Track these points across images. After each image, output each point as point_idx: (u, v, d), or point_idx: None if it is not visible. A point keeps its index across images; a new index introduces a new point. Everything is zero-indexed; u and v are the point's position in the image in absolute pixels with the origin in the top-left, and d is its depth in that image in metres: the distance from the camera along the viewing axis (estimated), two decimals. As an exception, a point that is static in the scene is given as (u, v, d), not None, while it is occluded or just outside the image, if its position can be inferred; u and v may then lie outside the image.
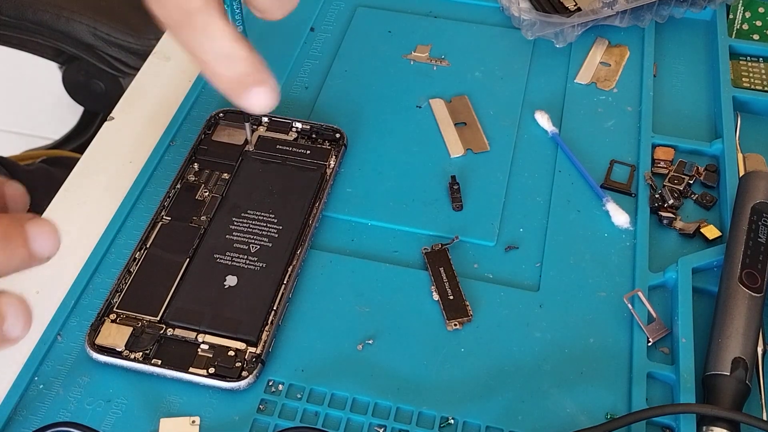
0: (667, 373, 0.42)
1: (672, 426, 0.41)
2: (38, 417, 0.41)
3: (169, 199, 0.49)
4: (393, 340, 0.44)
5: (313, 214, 0.49)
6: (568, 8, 0.58)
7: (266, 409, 0.41)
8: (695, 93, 0.57)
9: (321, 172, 0.51)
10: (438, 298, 0.45)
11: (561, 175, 0.52)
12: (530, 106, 0.56)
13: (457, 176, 0.51)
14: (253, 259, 0.46)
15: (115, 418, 0.41)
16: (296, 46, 0.61)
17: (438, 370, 0.43)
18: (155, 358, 0.42)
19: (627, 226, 0.49)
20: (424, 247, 0.48)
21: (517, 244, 0.48)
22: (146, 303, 0.44)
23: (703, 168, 0.52)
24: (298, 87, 0.58)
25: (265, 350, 0.42)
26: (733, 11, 0.62)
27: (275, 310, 0.44)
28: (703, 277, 0.46)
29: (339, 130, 0.53)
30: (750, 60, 0.59)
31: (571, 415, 0.41)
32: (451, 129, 0.55)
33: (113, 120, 0.56)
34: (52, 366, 0.43)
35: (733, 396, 0.40)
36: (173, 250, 0.47)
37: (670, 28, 0.61)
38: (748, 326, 0.42)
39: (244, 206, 0.49)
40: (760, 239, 0.45)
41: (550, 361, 0.43)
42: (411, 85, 0.58)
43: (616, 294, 0.46)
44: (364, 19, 0.63)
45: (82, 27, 1.00)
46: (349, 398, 0.42)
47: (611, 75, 0.58)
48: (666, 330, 0.44)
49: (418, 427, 0.41)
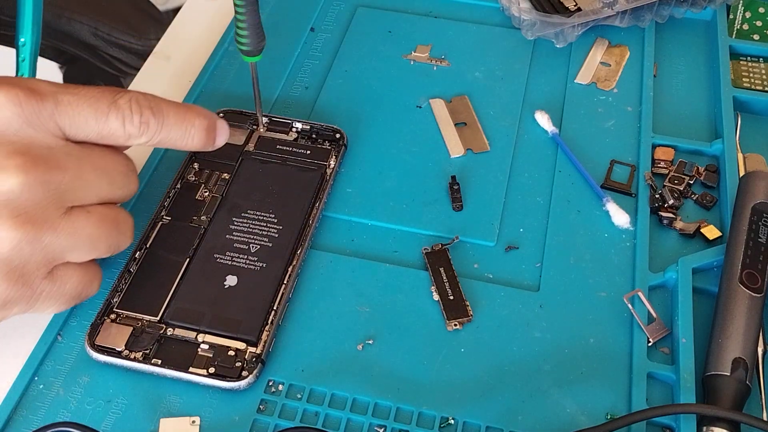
0: (667, 373, 0.42)
1: (672, 426, 0.41)
2: (38, 417, 0.41)
3: (169, 199, 0.49)
4: (393, 340, 0.44)
5: (313, 214, 0.49)
6: (568, 8, 0.58)
7: (266, 409, 0.41)
8: (695, 93, 0.57)
9: (321, 172, 0.51)
10: (438, 298, 0.45)
11: (561, 175, 0.52)
12: (530, 106, 0.56)
13: (457, 176, 0.51)
14: (253, 259, 0.46)
15: (115, 418, 0.41)
16: (296, 46, 0.61)
17: (438, 370, 0.43)
18: (155, 358, 0.42)
19: (627, 226, 0.49)
20: (424, 247, 0.48)
21: (517, 244, 0.48)
22: (146, 303, 0.44)
23: (703, 168, 0.52)
24: (298, 87, 0.58)
25: (265, 350, 0.42)
26: (734, 11, 0.62)
27: (275, 310, 0.44)
28: (703, 277, 0.46)
29: (339, 130, 0.53)
30: (750, 60, 0.59)
31: (571, 415, 0.41)
32: (451, 129, 0.55)
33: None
34: (52, 366, 0.43)
35: (734, 396, 0.40)
36: (173, 250, 0.47)
37: (670, 28, 0.61)
38: (749, 326, 0.42)
39: (244, 206, 0.49)
40: (761, 239, 0.45)
41: (550, 361, 0.43)
42: (411, 85, 0.58)
43: (616, 294, 0.46)
44: (364, 19, 0.63)
45: (83, 27, 1.00)
46: (349, 398, 0.42)
47: (611, 75, 0.58)
48: (666, 330, 0.44)
49: (418, 427, 0.41)
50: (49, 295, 0.39)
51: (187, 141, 0.42)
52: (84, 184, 0.39)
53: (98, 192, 0.40)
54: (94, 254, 0.40)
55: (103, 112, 0.39)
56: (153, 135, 0.41)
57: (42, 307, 0.40)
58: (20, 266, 0.37)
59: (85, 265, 0.41)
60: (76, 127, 0.39)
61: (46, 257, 0.38)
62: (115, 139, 0.40)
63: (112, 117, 0.39)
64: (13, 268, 0.37)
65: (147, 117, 0.40)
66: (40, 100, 0.38)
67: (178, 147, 0.42)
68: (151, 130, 0.40)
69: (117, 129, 0.39)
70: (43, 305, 0.39)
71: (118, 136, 0.40)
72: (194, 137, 0.42)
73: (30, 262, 0.37)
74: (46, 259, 0.38)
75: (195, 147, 0.43)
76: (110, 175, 0.40)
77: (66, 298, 0.40)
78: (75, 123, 0.39)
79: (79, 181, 0.39)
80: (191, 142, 0.42)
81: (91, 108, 0.39)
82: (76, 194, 0.39)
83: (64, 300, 0.40)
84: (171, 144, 0.42)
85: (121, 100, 0.39)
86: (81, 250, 0.39)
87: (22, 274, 0.37)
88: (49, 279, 0.39)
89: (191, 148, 0.43)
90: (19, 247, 0.37)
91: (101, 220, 0.40)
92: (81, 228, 0.39)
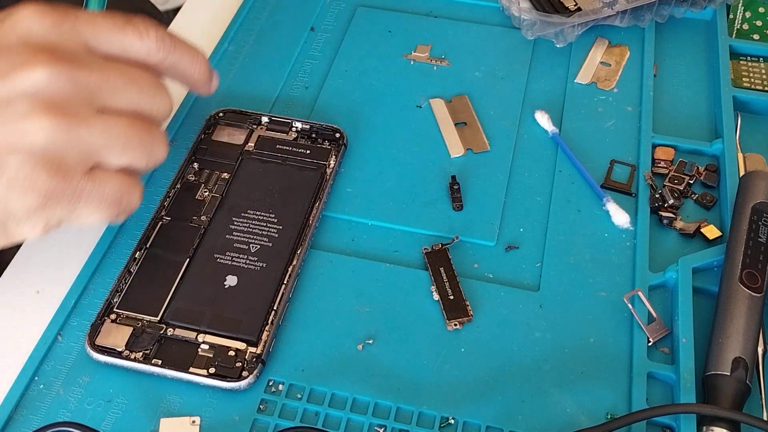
0: (667, 373, 0.42)
1: (672, 426, 0.41)
2: (38, 417, 0.41)
3: (169, 198, 0.49)
4: (393, 340, 0.44)
5: (313, 214, 0.49)
6: (568, 8, 0.58)
7: (266, 409, 0.41)
8: (695, 93, 0.57)
9: (321, 172, 0.51)
10: (438, 298, 0.45)
11: (561, 175, 0.52)
12: (530, 105, 0.56)
13: (457, 176, 0.51)
14: (254, 259, 0.46)
15: (115, 418, 0.41)
16: (296, 46, 0.61)
17: (438, 370, 0.43)
18: (155, 358, 0.42)
19: (627, 226, 0.49)
20: (425, 247, 0.48)
21: (517, 243, 0.48)
22: (146, 303, 0.44)
23: (704, 168, 0.52)
24: (298, 87, 0.58)
25: (265, 350, 0.42)
26: (734, 11, 0.62)
27: (275, 310, 0.44)
28: (704, 277, 0.46)
29: (339, 129, 0.53)
30: (750, 60, 0.59)
31: (572, 415, 0.41)
32: (451, 129, 0.55)
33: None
34: (52, 366, 0.43)
35: (734, 396, 0.40)
36: (173, 250, 0.47)
37: (670, 28, 0.61)
38: (749, 326, 0.42)
39: (244, 206, 0.49)
40: (761, 239, 0.45)
41: (550, 361, 0.43)
42: (411, 85, 0.58)
43: (616, 294, 0.46)
44: (364, 19, 0.63)
45: None
46: (349, 398, 0.42)
47: (611, 75, 0.58)
48: (666, 330, 0.44)
49: (418, 427, 0.41)
50: (90, 196, 0.39)
51: (194, 69, 0.44)
52: (112, 88, 0.40)
53: (128, 98, 0.40)
54: (130, 157, 0.40)
55: (121, 27, 0.41)
56: (169, 53, 0.42)
57: (85, 212, 0.39)
58: (58, 157, 0.37)
59: (125, 172, 0.41)
60: (96, 38, 0.40)
61: (83, 152, 0.38)
62: (135, 52, 0.41)
63: (129, 31, 0.41)
64: (52, 159, 0.37)
65: (162, 34, 0.42)
66: (63, 13, 0.40)
67: (186, 76, 0.44)
68: (167, 47, 0.42)
69: (135, 42, 0.41)
70: (86, 209, 0.39)
71: (138, 49, 0.41)
72: (201, 66, 0.44)
73: (67, 154, 0.38)
74: (83, 154, 0.38)
75: (199, 78, 0.45)
76: (139, 84, 0.41)
77: (108, 202, 0.40)
78: (96, 34, 0.40)
79: (107, 83, 0.39)
80: (197, 70, 0.44)
81: (109, 23, 0.41)
82: (106, 96, 0.39)
83: (105, 205, 0.40)
84: (182, 69, 0.44)
85: (136, 20, 0.42)
86: (116, 149, 0.39)
87: (61, 166, 0.38)
88: (89, 177, 0.39)
89: (196, 80, 0.45)
90: (55, 136, 0.37)
91: (134, 123, 0.40)
92: (114, 126, 0.39)
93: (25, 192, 0.37)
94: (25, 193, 0.37)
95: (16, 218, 0.38)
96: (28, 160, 0.37)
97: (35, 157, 0.37)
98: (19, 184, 0.37)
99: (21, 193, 0.37)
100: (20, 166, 0.37)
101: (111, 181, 0.40)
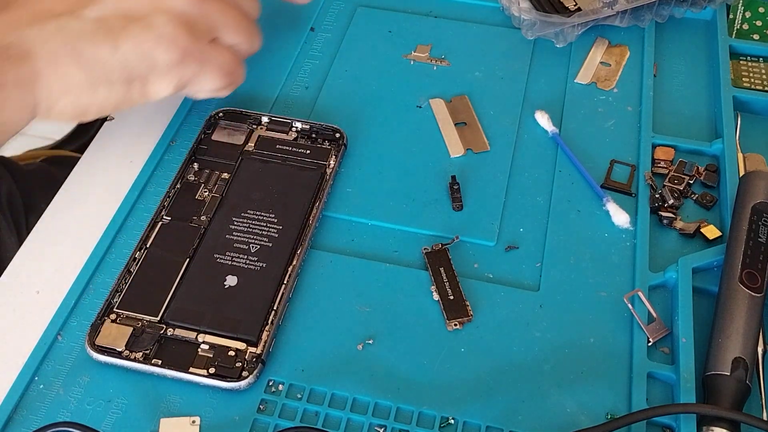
0: (667, 373, 0.42)
1: (672, 426, 0.41)
2: (38, 417, 0.41)
3: (169, 198, 0.49)
4: (393, 340, 0.44)
5: (313, 214, 0.49)
6: (568, 8, 0.58)
7: (266, 409, 0.41)
8: (695, 93, 0.57)
9: (321, 172, 0.51)
10: (438, 298, 0.45)
11: (561, 175, 0.52)
12: (530, 106, 0.56)
13: (457, 176, 0.51)
14: (253, 259, 0.46)
15: (115, 418, 0.41)
16: (296, 46, 0.61)
17: (438, 370, 0.43)
18: (155, 358, 0.42)
19: (627, 226, 0.49)
20: (424, 247, 0.48)
21: (517, 244, 0.48)
22: (146, 303, 0.44)
23: (703, 168, 0.52)
24: (298, 87, 0.58)
25: (265, 350, 0.42)
26: (733, 11, 0.62)
27: (275, 310, 0.44)
28: (703, 277, 0.46)
29: (339, 130, 0.53)
30: (750, 60, 0.59)
31: (572, 415, 0.41)
32: (451, 129, 0.55)
33: (113, 120, 0.56)
34: (52, 366, 0.43)
35: (734, 396, 0.40)
36: (173, 250, 0.47)
37: (670, 28, 0.61)
38: (749, 326, 0.42)
39: (244, 206, 0.49)
40: (761, 239, 0.45)
41: (550, 361, 0.43)
42: (411, 85, 0.58)
43: (616, 294, 0.46)
44: (364, 19, 0.63)
45: None
46: (349, 398, 0.42)
47: (611, 75, 0.58)
48: (666, 330, 0.44)
49: (418, 427, 0.41)
50: (212, 62, 0.47)
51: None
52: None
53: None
54: (240, 38, 0.49)
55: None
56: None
57: (206, 77, 0.47)
58: (192, 23, 0.46)
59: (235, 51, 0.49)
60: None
61: (208, 23, 0.47)
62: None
63: None
64: (188, 22, 0.46)
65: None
66: None
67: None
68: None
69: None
70: (208, 74, 0.47)
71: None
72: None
73: (198, 22, 0.46)
74: (208, 24, 0.47)
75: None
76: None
77: (224, 71, 0.48)
78: None
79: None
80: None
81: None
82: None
83: (222, 73, 0.48)
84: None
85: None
86: (231, 29, 0.48)
87: (194, 30, 0.46)
88: (212, 45, 0.47)
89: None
90: (190, 4, 0.46)
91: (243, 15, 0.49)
92: (230, 11, 0.48)
93: (168, 47, 0.45)
94: (168, 48, 0.45)
95: (158, 72, 0.45)
96: (172, 20, 0.45)
97: (177, 18, 0.45)
98: (165, 39, 0.45)
99: (166, 47, 0.45)
100: (166, 24, 0.45)
101: (227, 54, 0.48)
